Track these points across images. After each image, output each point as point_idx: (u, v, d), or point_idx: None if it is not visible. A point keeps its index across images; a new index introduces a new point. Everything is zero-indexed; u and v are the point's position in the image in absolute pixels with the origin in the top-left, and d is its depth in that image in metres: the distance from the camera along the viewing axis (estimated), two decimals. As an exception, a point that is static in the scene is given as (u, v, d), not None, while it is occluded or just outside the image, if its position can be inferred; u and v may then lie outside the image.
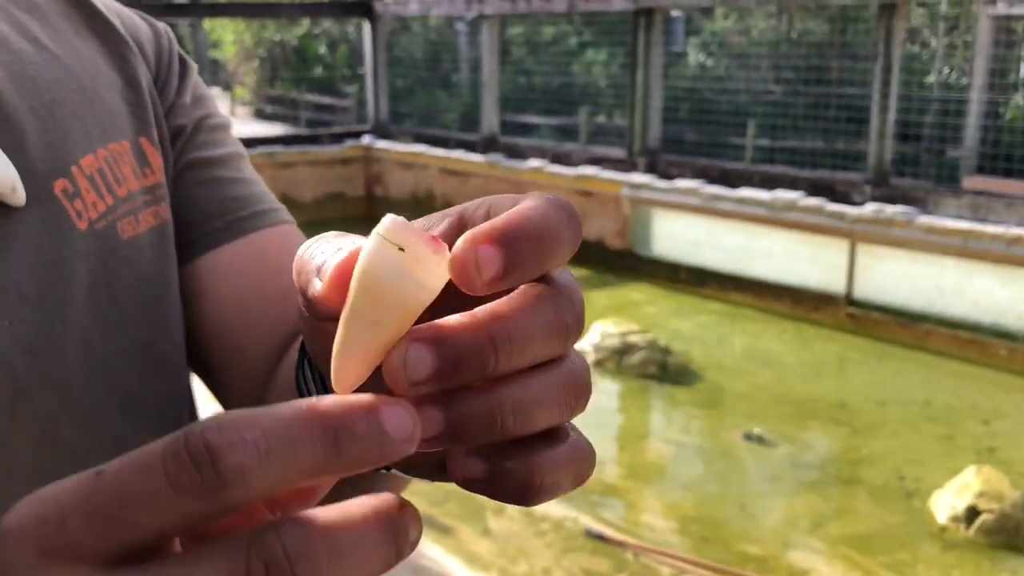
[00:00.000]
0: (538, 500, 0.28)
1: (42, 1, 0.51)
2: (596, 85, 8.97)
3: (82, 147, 0.47)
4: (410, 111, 9.76)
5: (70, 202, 0.45)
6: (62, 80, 0.48)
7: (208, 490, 0.22)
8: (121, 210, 0.49)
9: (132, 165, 0.50)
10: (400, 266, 0.26)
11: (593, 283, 6.65)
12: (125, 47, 0.53)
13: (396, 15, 9.44)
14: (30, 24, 0.49)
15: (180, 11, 10.10)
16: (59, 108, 0.47)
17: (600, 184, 6.79)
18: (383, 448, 0.24)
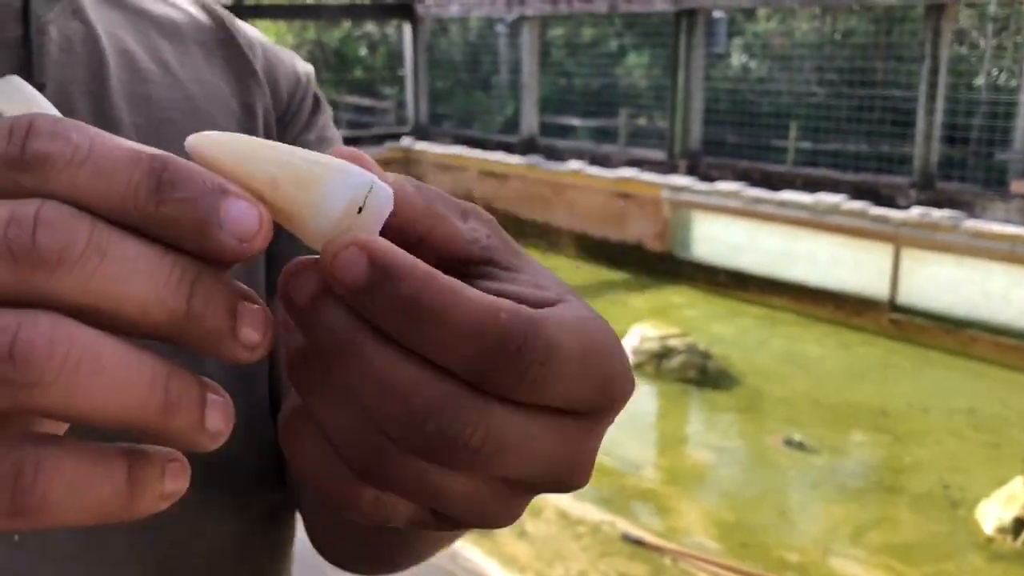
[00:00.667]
0: None
1: (185, 27, 0.53)
2: (637, 87, 8.93)
3: None
4: (449, 113, 9.80)
5: None
6: (177, 101, 0.49)
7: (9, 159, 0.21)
8: None
9: None
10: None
11: (632, 286, 6.63)
12: (252, 78, 0.54)
13: (437, 17, 9.49)
14: (164, 47, 0.51)
15: (225, 14, 10.24)
16: (165, 126, 0.48)
17: (640, 186, 6.77)
18: (204, 227, 0.22)
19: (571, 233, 7.42)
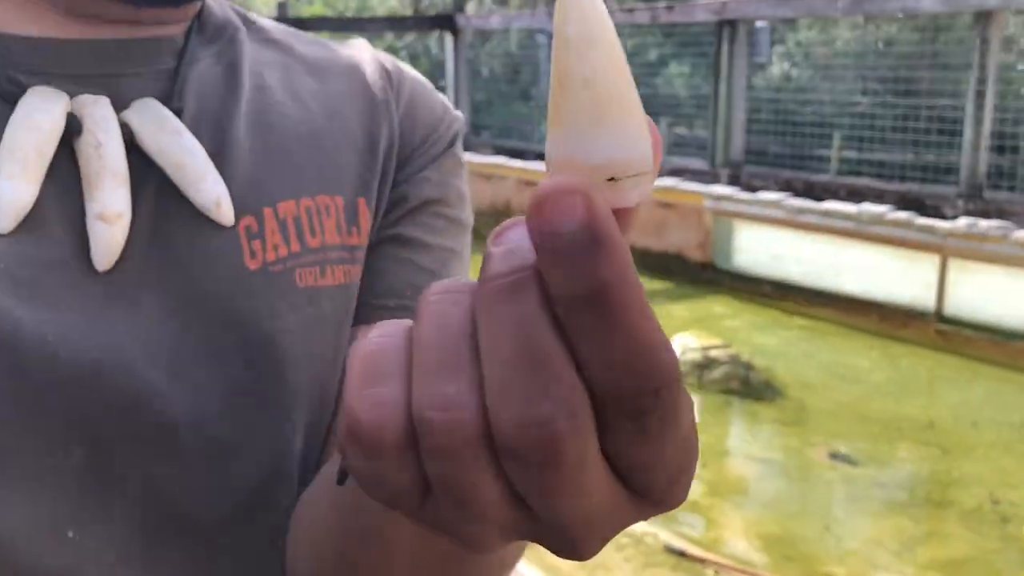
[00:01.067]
0: None
1: (332, 66, 0.55)
2: (677, 96, 8.93)
3: (286, 192, 0.49)
4: (490, 123, 9.87)
5: (247, 240, 0.47)
6: (300, 132, 0.51)
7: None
8: (306, 259, 0.49)
9: (337, 220, 0.51)
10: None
11: (673, 295, 6.61)
12: (383, 113, 0.55)
13: (478, 28, 9.58)
14: (305, 83, 0.53)
15: (269, 27, 10.44)
16: (280, 153, 0.50)
17: (681, 195, 6.76)
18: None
19: (612, 243, 7.44)
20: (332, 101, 0.54)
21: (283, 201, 0.48)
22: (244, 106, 0.49)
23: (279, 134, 0.50)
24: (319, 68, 0.55)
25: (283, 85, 0.52)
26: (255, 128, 0.49)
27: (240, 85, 0.50)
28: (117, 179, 0.42)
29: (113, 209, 0.41)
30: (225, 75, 0.50)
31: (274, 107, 0.51)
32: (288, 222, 0.48)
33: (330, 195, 0.51)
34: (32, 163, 0.40)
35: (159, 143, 0.44)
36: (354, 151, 0.53)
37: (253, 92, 0.50)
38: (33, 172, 0.40)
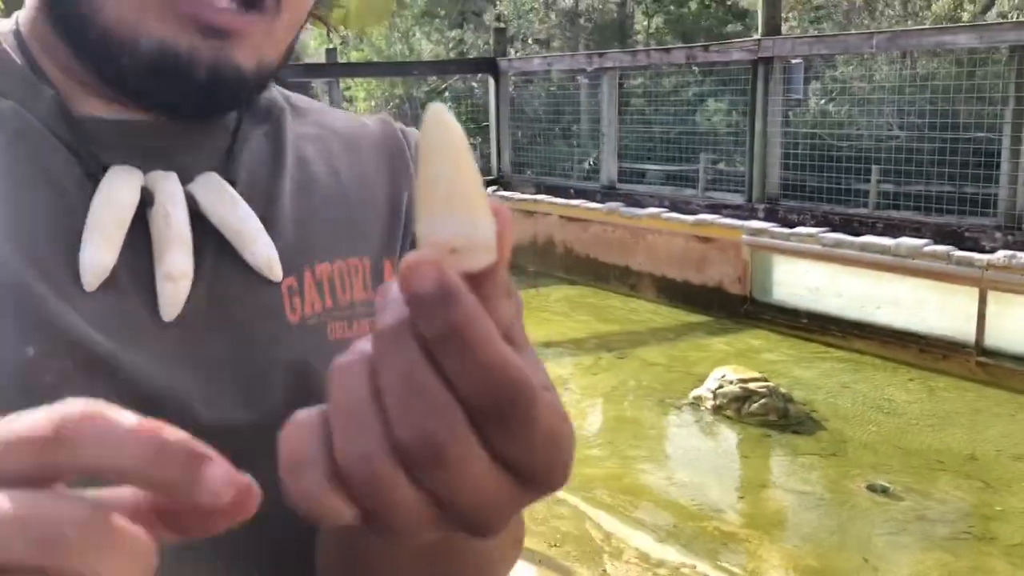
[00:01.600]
0: None
1: (362, 137, 0.64)
2: (716, 132, 9.01)
3: (323, 255, 0.57)
4: (532, 161, 10.03)
5: (289, 297, 0.54)
6: (333, 199, 0.60)
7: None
8: (337, 314, 0.57)
9: (364, 280, 0.59)
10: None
11: (711, 329, 6.65)
12: (404, 175, 0.63)
13: (520, 71, 9.78)
14: (339, 154, 0.62)
15: (317, 71, 10.75)
16: (318, 220, 0.58)
17: (719, 230, 6.82)
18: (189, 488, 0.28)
19: (651, 276, 7.50)
20: (362, 172, 0.62)
21: (320, 263, 0.57)
22: (288, 178, 0.58)
23: (318, 203, 0.58)
24: (350, 141, 0.63)
25: (320, 157, 0.61)
26: (298, 198, 0.57)
27: (284, 159, 0.58)
28: (182, 244, 0.50)
29: (178, 269, 0.50)
30: (272, 151, 0.58)
31: (313, 178, 0.59)
32: (323, 281, 0.56)
33: (359, 257, 0.59)
34: (113, 233, 0.49)
35: (219, 212, 0.52)
36: (379, 217, 0.61)
37: (295, 165, 0.59)
38: (113, 240, 0.49)
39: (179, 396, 0.49)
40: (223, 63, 0.49)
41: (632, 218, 7.53)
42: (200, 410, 0.50)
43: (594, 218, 7.95)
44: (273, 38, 0.52)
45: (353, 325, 0.58)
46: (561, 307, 7.47)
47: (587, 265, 8.08)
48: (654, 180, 9.24)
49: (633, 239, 7.61)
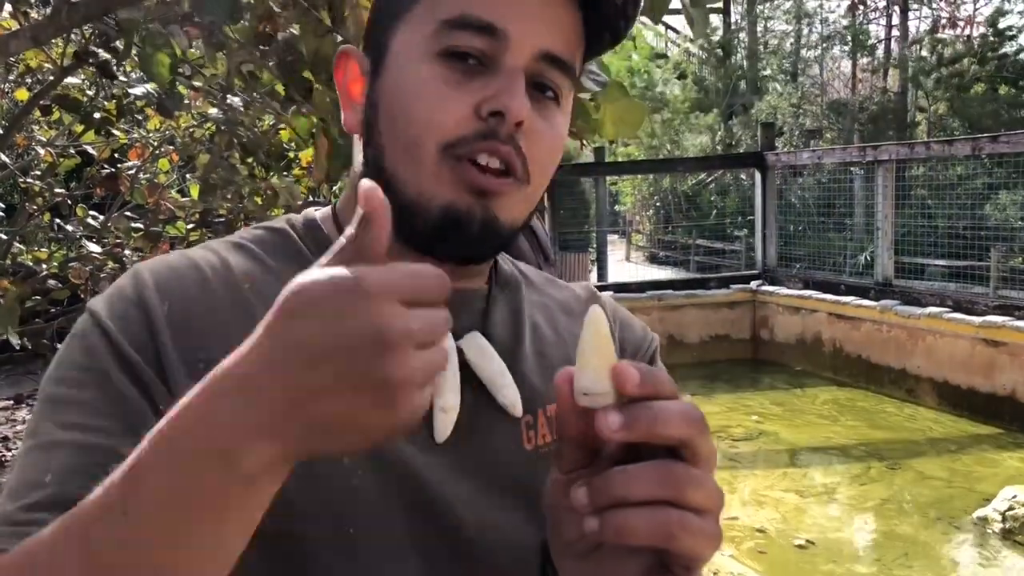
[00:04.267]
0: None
1: (577, 309, 0.80)
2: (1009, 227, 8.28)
3: (552, 400, 0.72)
4: (800, 254, 9.76)
5: (526, 430, 0.70)
6: (560, 356, 0.75)
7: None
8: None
9: None
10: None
11: (1001, 443, 6.01)
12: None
13: (788, 164, 9.64)
14: (560, 320, 0.78)
15: (585, 170, 11.25)
16: (550, 373, 0.70)
17: (1011, 333, 6.22)
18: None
19: (931, 381, 6.95)
20: (577, 332, 0.77)
21: (550, 405, 0.71)
22: (527, 340, 0.73)
23: (547, 358, 0.73)
24: (567, 308, 0.80)
25: (547, 322, 0.77)
26: (533, 355, 0.72)
27: (523, 323, 0.74)
28: (454, 387, 0.66)
29: (450, 404, 0.65)
30: (513, 316, 0.74)
31: (543, 339, 0.75)
32: (553, 420, 0.70)
33: None
34: None
35: (480, 363, 0.68)
36: None
37: (531, 329, 0.75)
38: None
39: (447, 498, 0.65)
40: (489, 217, 0.64)
41: (910, 317, 7.07)
42: (460, 509, 0.65)
43: (867, 316, 7.55)
44: (523, 200, 0.67)
45: None
46: (828, 410, 7.11)
47: (858, 366, 7.65)
48: (935, 276, 8.63)
49: (911, 340, 7.11)
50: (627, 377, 0.46)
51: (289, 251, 0.69)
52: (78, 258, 2.74)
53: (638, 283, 9.19)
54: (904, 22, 18.51)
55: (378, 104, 0.66)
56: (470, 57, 0.63)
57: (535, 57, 0.64)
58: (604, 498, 0.46)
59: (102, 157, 3.14)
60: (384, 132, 0.65)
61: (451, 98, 0.62)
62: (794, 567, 4.29)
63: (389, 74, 0.65)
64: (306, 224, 0.72)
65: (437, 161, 0.63)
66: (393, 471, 0.62)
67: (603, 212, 12.63)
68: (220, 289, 0.65)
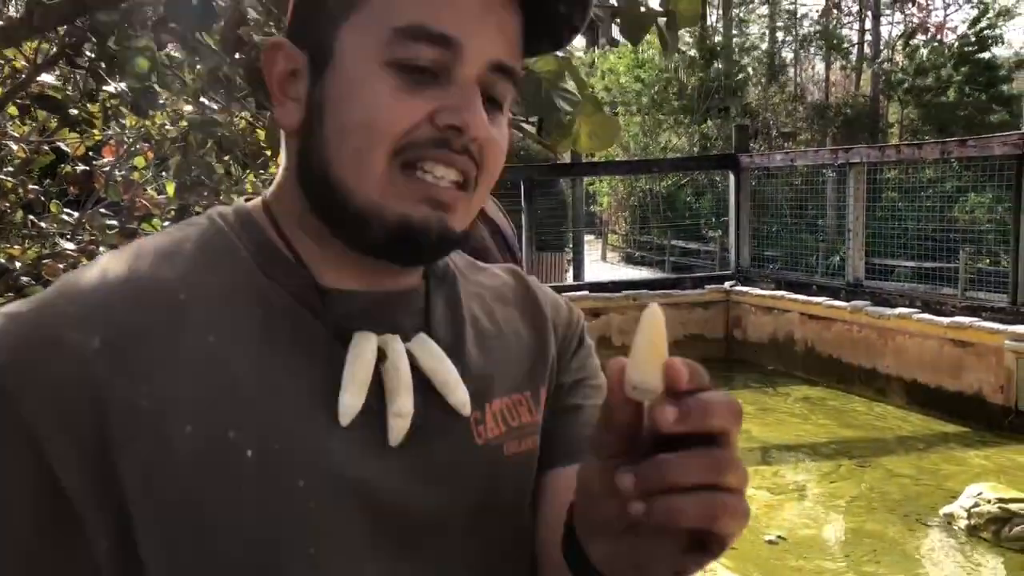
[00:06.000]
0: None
1: (509, 295, 0.81)
2: (976, 228, 8.42)
3: (498, 393, 0.73)
4: (773, 255, 9.86)
5: (475, 426, 0.70)
6: (501, 349, 0.76)
7: None
8: (510, 435, 0.72)
9: (528, 407, 0.75)
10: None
11: (967, 441, 6.12)
12: (546, 329, 0.80)
13: (761, 166, 9.74)
14: (496, 310, 0.78)
15: (562, 171, 11.29)
16: (493, 366, 0.74)
17: (978, 334, 6.34)
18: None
19: (900, 381, 7.06)
20: (510, 319, 0.79)
21: (496, 400, 0.73)
22: (468, 337, 0.73)
23: (489, 354, 0.74)
24: (501, 296, 0.80)
25: (484, 313, 0.77)
26: (475, 351, 0.73)
27: (463, 319, 0.74)
28: (407, 391, 0.66)
29: (405, 409, 0.65)
30: (452, 312, 0.74)
31: (482, 331, 0.75)
32: (498, 414, 0.72)
33: (521, 392, 0.75)
34: (362, 383, 0.64)
35: (431, 365, 0.68)
36: (530, 355, 0.78)
37: (471, 324, 0.75)
38: (361, 389, 0.64)
39: (404, 502, 0.66)
40: (444, 228, 0.65)
41: (880, 318, 7.17)
42: (415, 506, 0.67)
43: (838, 316, 7.65)
44: (471, 210, 0.68)
45: (522, 443, 0.73)
46: (800, 409, 7.20)
47: (829, 365, 7.75)
48: (904, 277, 8.75)
49: (881, 340, 7.22)
50: (679, 375, 0.48)
51: (223, 248, 0.67)
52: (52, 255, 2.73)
53: (614, 283, 9.24)
54: (876, 27, 18.74)
55: (323, 107, 0.64)
56: (422, 68, 0.62)
57: (486, 67, 0.64)
58: (654, 484, 0.48)
59: (76, 154, 3.13)
60: (330, 138, 0.64)
61: (403, 105, 0.62)
62: (764, 563, 4.35)
63: (336, 78, 0.64)
64: (238, 216, 0.70)
65: (387, 169, 0.62)
66: (348, 485, 0.63)
67: (580, 212, 12.67)
68: (154, 304, 0.61)
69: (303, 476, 0.61)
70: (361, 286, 0.70)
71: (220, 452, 0.59)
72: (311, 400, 0.64)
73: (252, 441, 0.60)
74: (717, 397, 0.48)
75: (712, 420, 0.48)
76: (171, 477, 0.58)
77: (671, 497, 0.47)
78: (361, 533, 0.63)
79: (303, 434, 0.62)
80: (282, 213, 0.70)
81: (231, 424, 0.60)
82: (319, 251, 0.68)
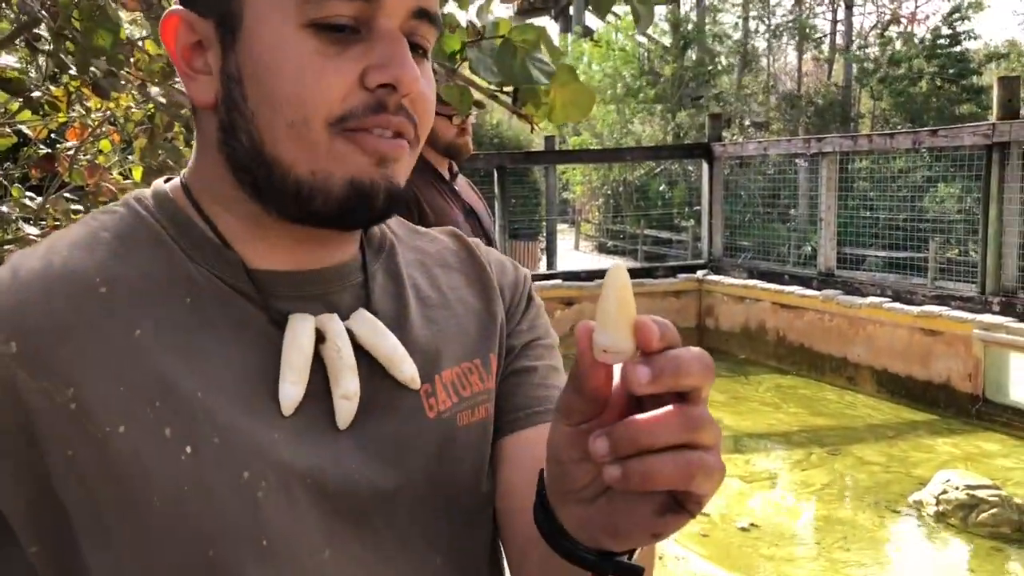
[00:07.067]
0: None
1: (451, 260, 0.78)
2: (946, 219, 8.51)
3: (448, 363, 0.71)
4: (746, 245, 9.90)
5: (425, 399, 0.68)
6: (447, 317, 0.73)
7: None
8: (462, 405, 0.70)
9: (480, 374, 0.73)
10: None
11: (936, 428, 6.19)
12: (493, 293, 0.77)
13: (734, 155, 9.76)
14: (439, 276, 0.76)
15: (536, 158, 11.27)
16: (440, 336, 0.71)
17: (947, 323, 6.40)
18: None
19: (870, 369, 7.13)
20: (455, 285, 0.76)
21: (445, 370, 0.70)
22: (412, 307, 0.71)
23: (436, 324, 0.72)
24: (442, 261, 0.77)
25: (427, 280, 0.74)
26: (422, 323, 0.71)
27: (405, 290, 0.72)
28: (351, 371, 0.63)
29: (351, 390, 0.63)
30: (394, 283, 0.72)
31: (426, 301, 0.73)
32: (449, 384, 0.70)
33: (471, 360, 0.73)
34: (301, 369, 0.61)
35: (373, 342, 0.65)
36: (480, 323, 0.75)
37: (413, 291, 0.72)
38: (302, 376, 0.61)
39: (355, 480, 0.63)
40: (391, 184, 0.62)
41: (851, 307, 7.23)
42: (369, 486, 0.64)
43: (809, 305, 7.70)
44: (412, 161, 0.65)
45: (475, 411, 0.72)
46: (771, 397, 7.25)
47: (800, 354, 7.80)
48: (875, 267, 8.83)
49: (852, 329, 7.28)
50: (651, 334, 0.46)
51: (144, 234, 0.64)
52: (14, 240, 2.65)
53: (587, 271, 9.24)
54: (849, 18, 18.86)
55: (242, 80, 0.60)
56: (343, 25, 0.59)
57: (409, 14, 0.61)
58: (628, 447, 0.46)
59: (39, 136, 3.05)
60: (257, 112, 0.60)
61: (331, 70, 0.59)
62: (736, 550, 4.37)
63: (252, 47, 0.60)
64: (157, 200, 0.66)
65: (328, 138, 0.59)
66: (296, 472, 0.60)
67: (553, 201, 12.65)
68: (72, 301, 0.58)
69: (247, 468, 0.58)
70: (293, 265, 0.66)
71: (158, 450, 0.56)
72: (250, 389, 0.61)
73: (190, 437, 0.57)
74: (689, 354, 0.47)
75: (685, 378, 0.46)
76: (108, 479, 0.55)
77: (646, 459, 0.46)
78: (316, 519, 0.60)
79: (243, 426, 0.59)
80: (203, 193, 0.66)
81: (166, 421, 0.57)
82: (246, 230, 0.65)
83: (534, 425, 0.73)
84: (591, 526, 0.53)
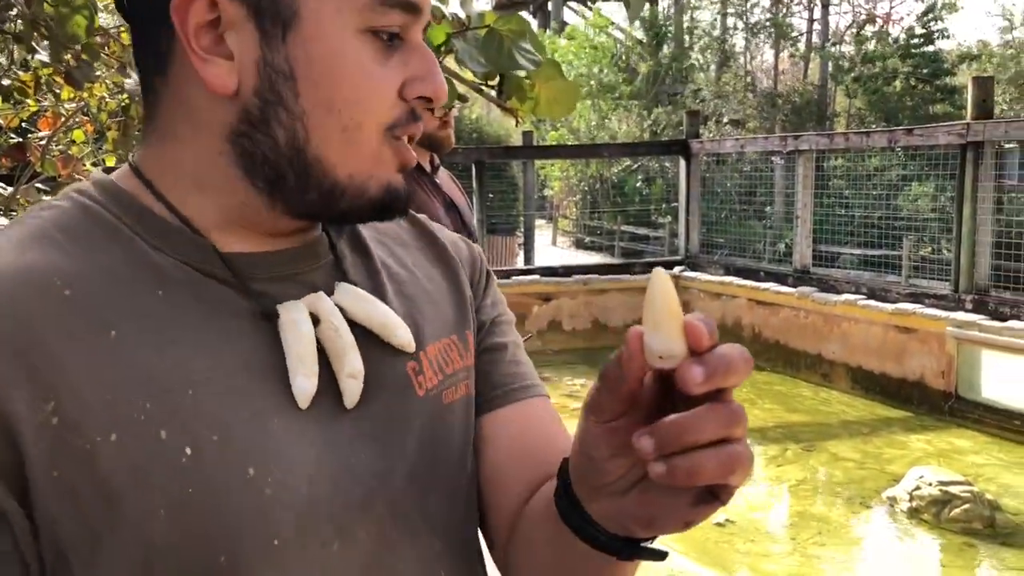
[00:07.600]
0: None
1: (407, 238, 0.77)
2: (920, 217, 8.59)
3: (429, 339, 0.70)
4: (723, 242, 9.95)
5: (415, 376, 0.67)
6: (419, 294, 0.73)
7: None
8: (447, 382, 0.70)
9: (459, 351, 0.73)
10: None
11: (910, 425, 6.25)
12: (457, 269, 0.77)
13: (711, 152, 9.80)
14: (402, 255, 0.75)
15: (514, 153, 11.25)
16: (419, 315, 0.71)
17: (921, 321, 6.47)
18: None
19: (845, 366, 7.18)
20: (423, 266, 0.76)
21: (429, 345, 0.70)
22: (386, 282, 0.70)
23: (410, 298, 0.71)
24: (399, 240, 0.77)
25: (392, 258, 0.74)
26: (400, 300, 0.70)
27: (375, 262, 0.71)
28: (353, 348, 0.62)
29: (356, 368, 0.62)
30: (363, 259, 0.71)
31: (396, 277, 0.72)
32: (434, 360, 0.70)
33: (449, 336, 0.72)
34: (311, 360, 0.60)
35: (365, 312, 0.65)
36: (452, 300, 0.75)
37: (385, 270, 0.71)
38: (312, 366, 0.60)
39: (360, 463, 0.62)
40: (407, 187, 0.65)
41: (826, 304, 7.28)
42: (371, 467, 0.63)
43: (785, 302, 7.74)
44: None
45: (458, 388, 0.71)
46: (746, 393, 7.29)
47: (776, 351, 7.85)
48: (850, 264, 8.90)
49: (826, 326, 7.33)
50: (701, 335, 0.47)
51: (96, 227, 0.59)
52: (-17, 232, 2.59)
53: (564, 267, 9.24)
54: (825, 17, 18.99)
55: (295, 78, 0.58)
56: (393, 34, 0.61)
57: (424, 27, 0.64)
58: (673, 444, 0.47)
59: (9, 125, 2.98)
60: (310, 112, 0.59)
61: (381, 78, 0.60)
62: (712, 545, 4.39)
63: (311, 47, 0.58)
64: (103, 189, 0.62)
65: (378, 144, 0.61)
66: (301, 461, 0.58)
67: (531, 196, 12.64)
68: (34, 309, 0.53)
69: (251, 463, 0.56)
70: (265, 246, 0.64)
71: (154, 456, 0.53)
72: (241, 379, 0.58)
73: (186, 437, 0.54)
74: (736, 352, 0.48)
75: (734, 376, 0.48)
76: (106, 495, 0.52)
77: (691, 455, 0.47)
78: (325, 510, 0.59)
79: (240, 419, 0.57)
80: (170, 178, 0.62)
81: (159, 423, 0.54)
82: (222, 217, 0.62)
83: (512, 403, 0.75)
84: (622, 516, 0.55)
